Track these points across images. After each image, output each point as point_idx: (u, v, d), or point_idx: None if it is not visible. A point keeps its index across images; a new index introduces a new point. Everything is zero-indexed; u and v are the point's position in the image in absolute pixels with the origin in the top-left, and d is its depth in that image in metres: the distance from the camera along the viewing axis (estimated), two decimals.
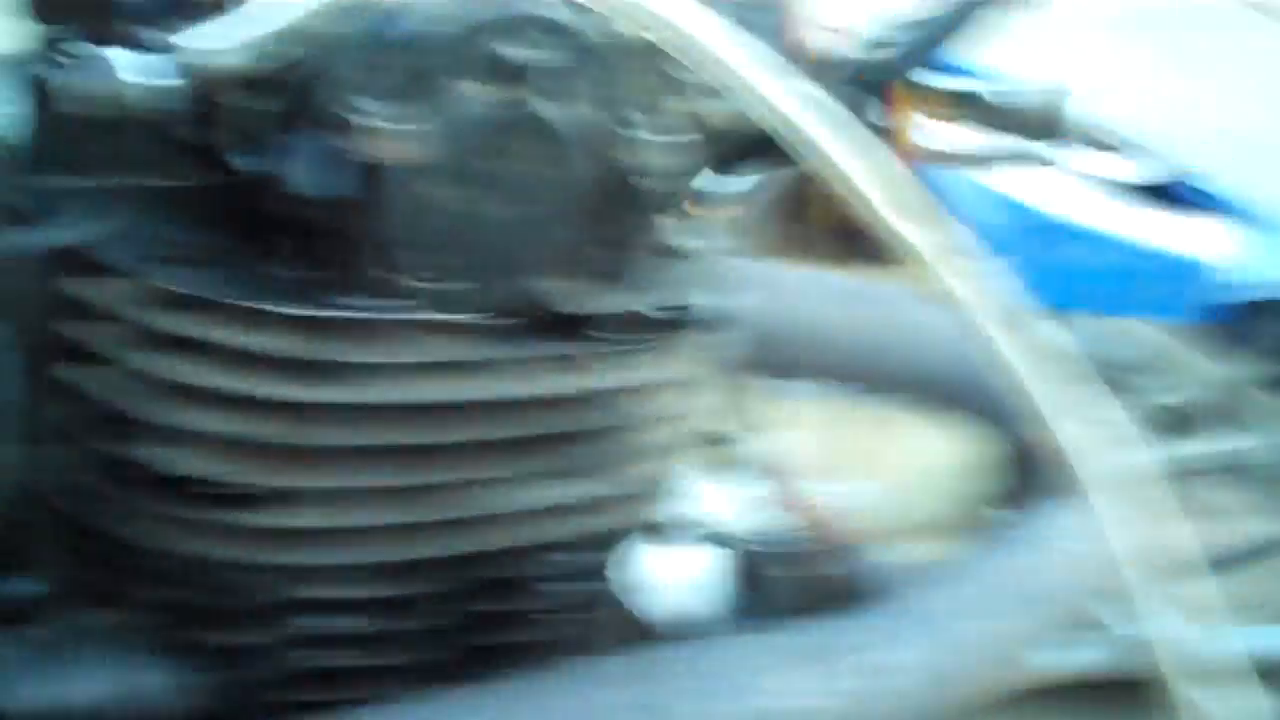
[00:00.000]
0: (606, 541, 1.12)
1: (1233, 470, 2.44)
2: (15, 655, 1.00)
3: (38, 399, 0.99)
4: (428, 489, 1.02)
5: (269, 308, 0.93)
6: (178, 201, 0.99)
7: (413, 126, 0.92)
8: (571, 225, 1.01)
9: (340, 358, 0.95)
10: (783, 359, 1.38)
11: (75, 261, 0.95)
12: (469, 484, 1.03)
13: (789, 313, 1.40)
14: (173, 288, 0.94)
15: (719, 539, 1.30)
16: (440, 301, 0.98)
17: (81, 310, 0.96)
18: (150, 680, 1.02)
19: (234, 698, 1.03)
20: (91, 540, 1.01)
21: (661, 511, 1.19)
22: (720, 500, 1.33)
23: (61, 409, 0.98)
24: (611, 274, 1.03)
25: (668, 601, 1.30)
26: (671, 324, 1.07)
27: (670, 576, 1.34)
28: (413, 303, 0.97)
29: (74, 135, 0.93)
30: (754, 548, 1.29)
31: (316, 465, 0.98)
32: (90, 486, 0.99)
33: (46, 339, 0.98)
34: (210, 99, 0.93)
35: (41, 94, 0.90)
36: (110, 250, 0.95)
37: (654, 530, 1.23)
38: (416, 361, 0.98)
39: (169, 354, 0.94)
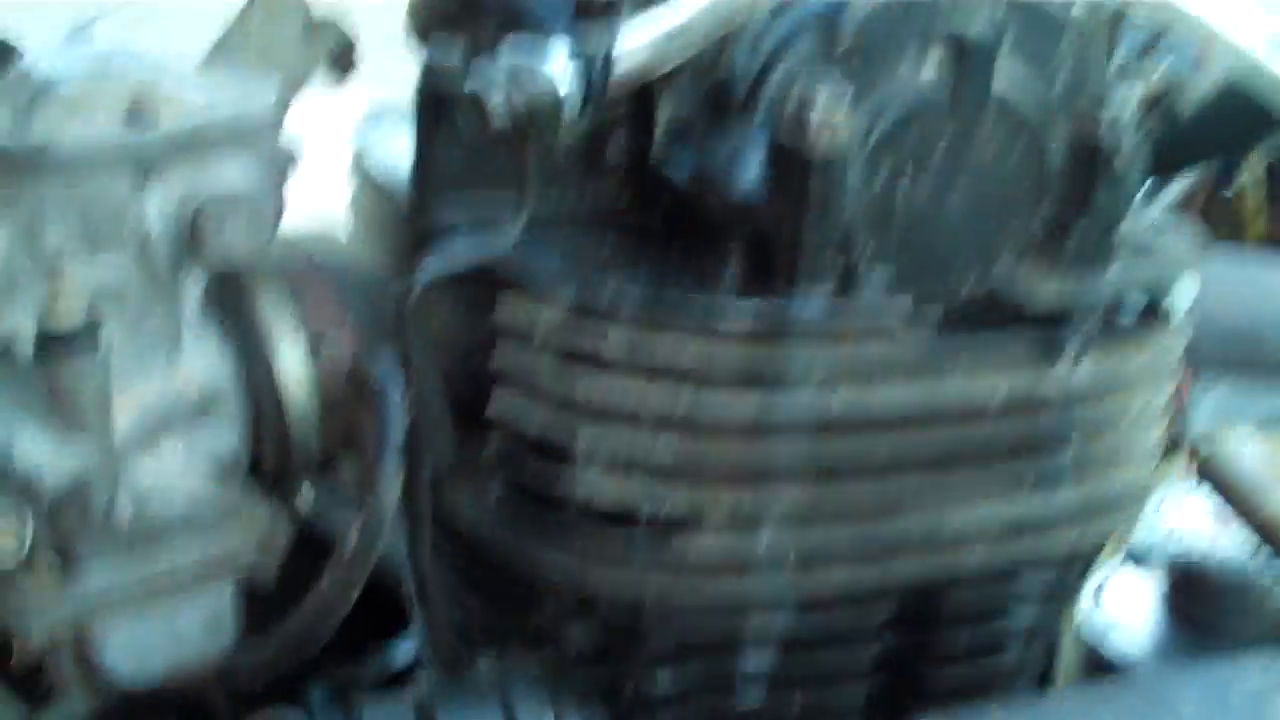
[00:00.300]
0: (1082, 560, 0.98)
1: None
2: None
3: (464, 432, 0.92)
4: (893, 506, 0.89)
5: (719, 318, 0.83)
6: (610, 215, 0.90)
7: (862, 113, 0.81)
8: (1039, 211, 0.87)
9: (798, 366, 0.84)
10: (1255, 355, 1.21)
11: (503, 284, 0.87)
12: (939, 499, 0.90)
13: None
14: (610, 303, 0.84)
15: (1179, 559, 1.15)
16: (904, 298, 0.86)
17: (511, 334, 0.87)
18: None
19: None
20: (513, 580, 0.93)
21: (1135, 527, 1.05)
22: (1181, 515, 1.17)
23: (489, 440, 0.90)
24: (1084, 261, 0.89)
25: (1131, 628, 1.16)
26: (1148, 315, 0.93)
27: (1134, 601, 1.19)
28: (873, 303, 0.85)
29: (496, 152, 0.85)
30: (1216, 568, 1.13)
31: (768, 485, 0.86)
32: (518, 521, 0.91)
33: (472, 368, 0.90)
34: (634, 102, 0.84)
35: (469, 112, 0.81)
36: (542, 270, 0.86)
37: (1125, 548, 1.09)
38: (880, 364, 0.86)
39: (604, 374, 0.85)
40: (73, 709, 1.45)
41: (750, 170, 0.81)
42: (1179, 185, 1.86)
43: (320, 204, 1.01)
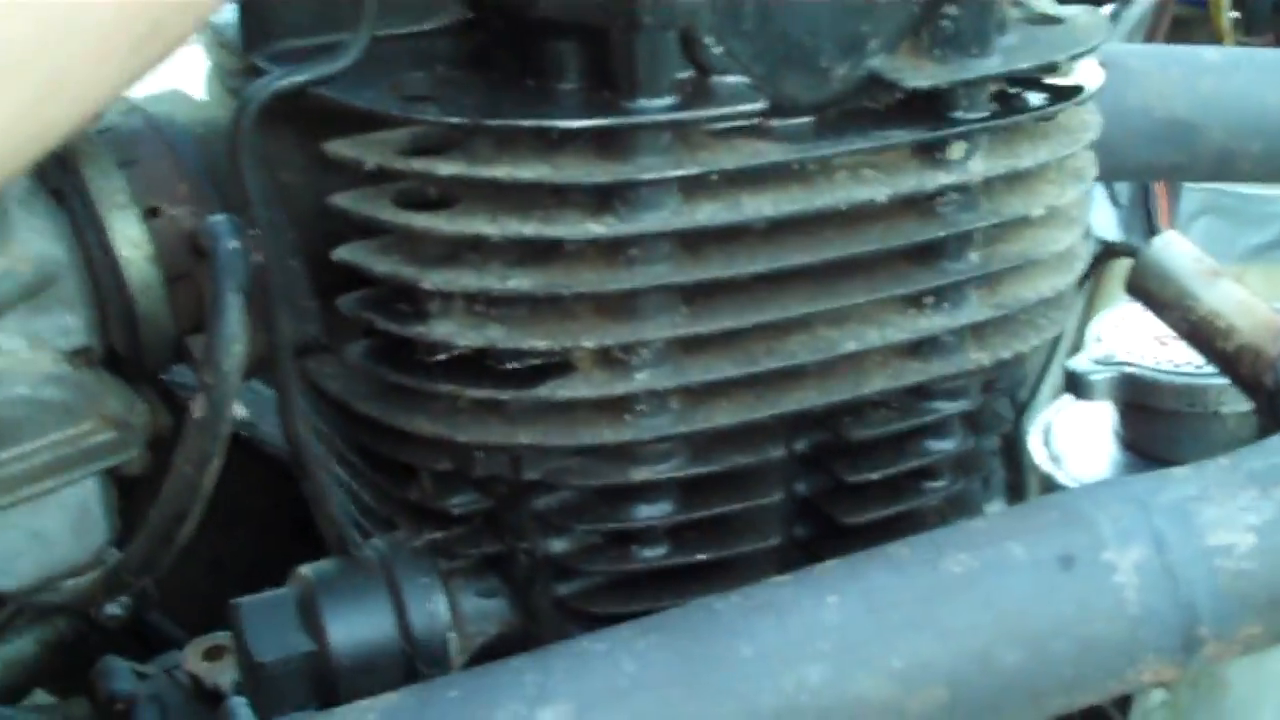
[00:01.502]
0: (1002, 382, 0.92)
1: None
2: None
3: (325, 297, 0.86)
4: (778, 330, 0.83)
5: (560, 124, 0.76)
6: (447, 42, 0.84)
7: None
8: None
9: (650, 177, 0.77)
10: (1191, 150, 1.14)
11: (339, 120, 0.81)
12: (824, 318, 0.84)
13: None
14: (445, 129, 0.78)
15: (1124, 387, 1.09)
16: (766, 97, 0.79)
17: (349, 174, 0.81)
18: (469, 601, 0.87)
19: (547, 613, 0.88)
20: (389, 452, 0.87)
21: (1064, 348, 0.98)
22: (1121, 331, 1.10)
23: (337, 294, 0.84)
24: (964, 41, 0.82)
25: (1081, 463, 1.10)
26: (1049, 102, 0.86)
27: (1084, 435, 1.13)
28: (734, 104, 0.78)
29: None
30: (1162, 391, 1.07)
31: (636, 315, 0.80)
32: (383, 384, 0.85)
33: (325, 228, 0.84)
34: None
35: None
36: (375, 101, 0.80)
37: (1046, 370, 1.02)
38: (744, 169, 0.79)
39: (449, 205, 0.79)
40: (21, 647, 1.41)
41: None
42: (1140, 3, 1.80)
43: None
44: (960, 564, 0.77)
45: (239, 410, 1.34)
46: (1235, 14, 2.17)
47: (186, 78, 0.95)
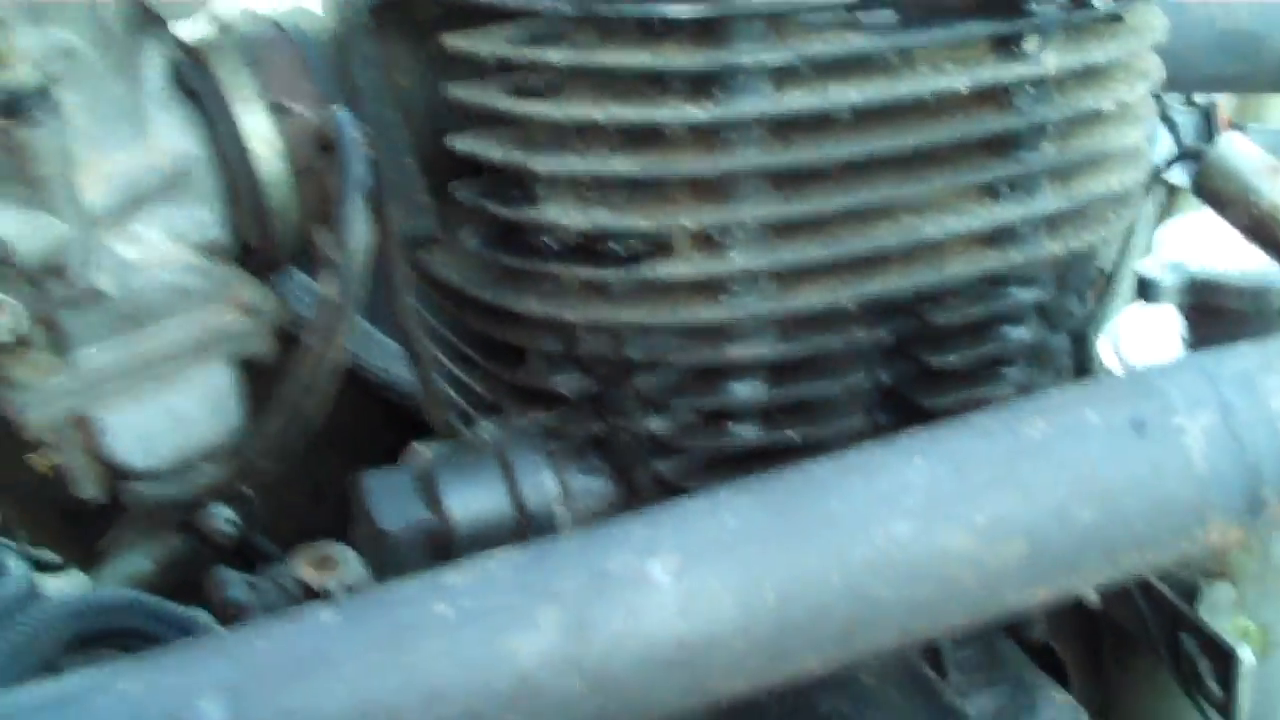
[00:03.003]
0: (1074, 274, 0.96)
1: None
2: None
3: (438, 190, 0.92)
4: (864, 216, 0.88)
5: (663, 10, 0.81)
6: None
7: None
8: None
9: (746, 63, 0.82)
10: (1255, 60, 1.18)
11: (448, 18, 0.87)
12: (906, 204, 0.89)
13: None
14: (550, 21, 0.84)
15: (1190, 286, 1.13)
16: None
17: (460, 68, 0.87)
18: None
19: (647, 490, 0.93)
20: (499, 335, 0.93)
21: (1133, 249, 1.03)
22: (1189, 237, 1.14)
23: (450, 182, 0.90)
24: None
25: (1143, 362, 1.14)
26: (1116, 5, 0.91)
27: (1153, 338, 1.17)
28: None
29: None
30: (1228, 290, 1.11)
31: (731, 199, 0.86)
32: (494, 269, 0.91)
33: (426, 112, 0.90)
34: None
35: None
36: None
37: (1117, 273, 1.06)
38: (833, 57, 0.84)
39: (557, 94, 0.85)
40: (137, 564, 1.49)
41: None
42: None
43: None
44: (1038, 429, 0.82)
45: None
46: None
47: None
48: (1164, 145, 1.85)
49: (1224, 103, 1.75)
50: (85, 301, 0.89)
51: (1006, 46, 0.88)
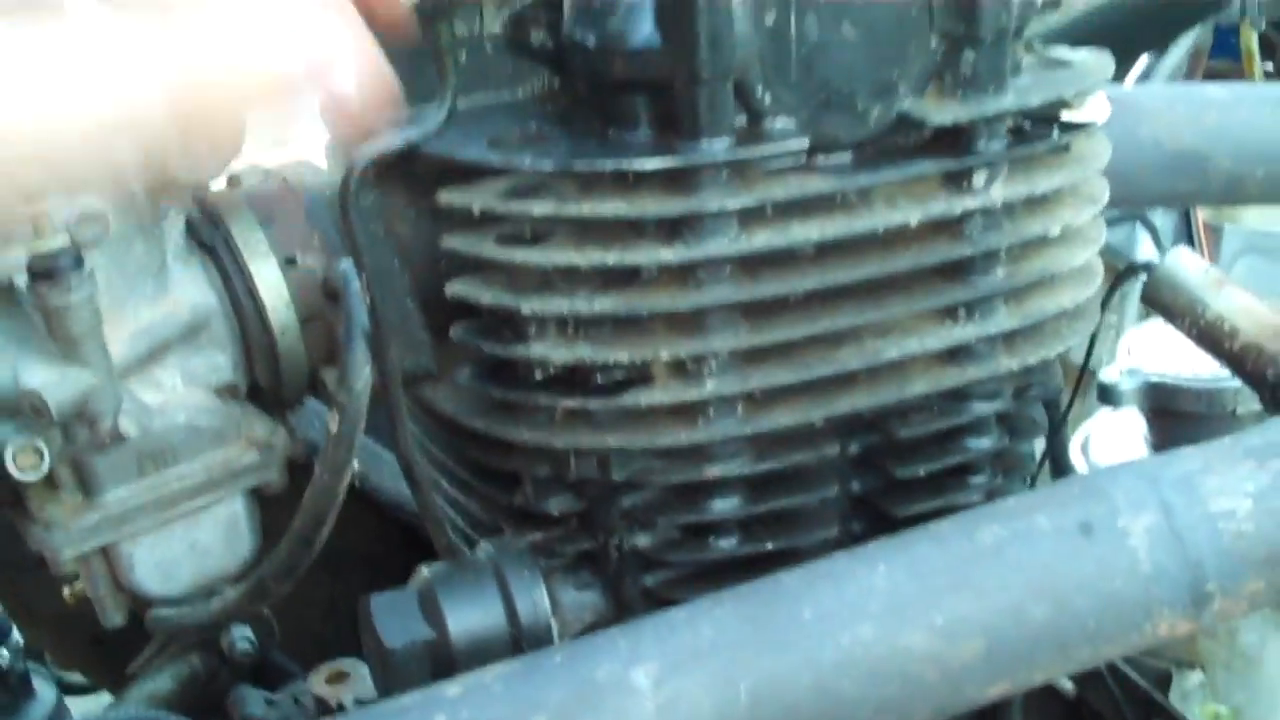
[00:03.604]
0: (1033, 387, 1.03)
1: None
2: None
3: (435, 329, 0.99)
4: (829, 341, 0.95)
5: (635, 166, 0.89)
6: (536, 100, 0.99)
7: None
8: (931, 38, 0.93)
9: (713, 208, 0.90)
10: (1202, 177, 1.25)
11: (441, 172, 0.95)
12: (869, 329, 0.96)
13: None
14: (534, 176, 0.92)
15: (1149, 393, 1.20)
16: (811, 136, 0.92)
17: (453, 218, 0.95)
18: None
19: (635, 602, 0.99)
20: (493, 463, 1.00)
21: (1092, 358, 1.09)
22: (1147, 345, 1.21)
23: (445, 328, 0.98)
24: (981, 82, 0.95)
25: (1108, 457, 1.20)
26: (1061, 134, 0.98)
27: (1119, 444, 1.24)
28: (783, 142, 0.91)
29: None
30: (1186, 395, 1.18)
31: (704, 331, 0.93)
32: (488, 401, 0.98)
33: (435, 271, 0.98)
34: None
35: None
36: (471, 153, 0.94)
37: (1080, 381, 1.13)
38: (793, 200, 0.92)
39: (542, 241, 0.92)
40: (160, 683, 1.55)
41: (645, 23, 0.88)
42: (1173, 57, 1.91)
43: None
44: (993, 534, 0.89)
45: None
46: (1269, 66, 2.28)
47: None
48: (1145, 247, 1.93)
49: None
50: (111, 444, 0.96)
51: (957, 181, 0.95)
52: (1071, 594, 0.87)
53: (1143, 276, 1.09)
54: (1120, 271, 1.11)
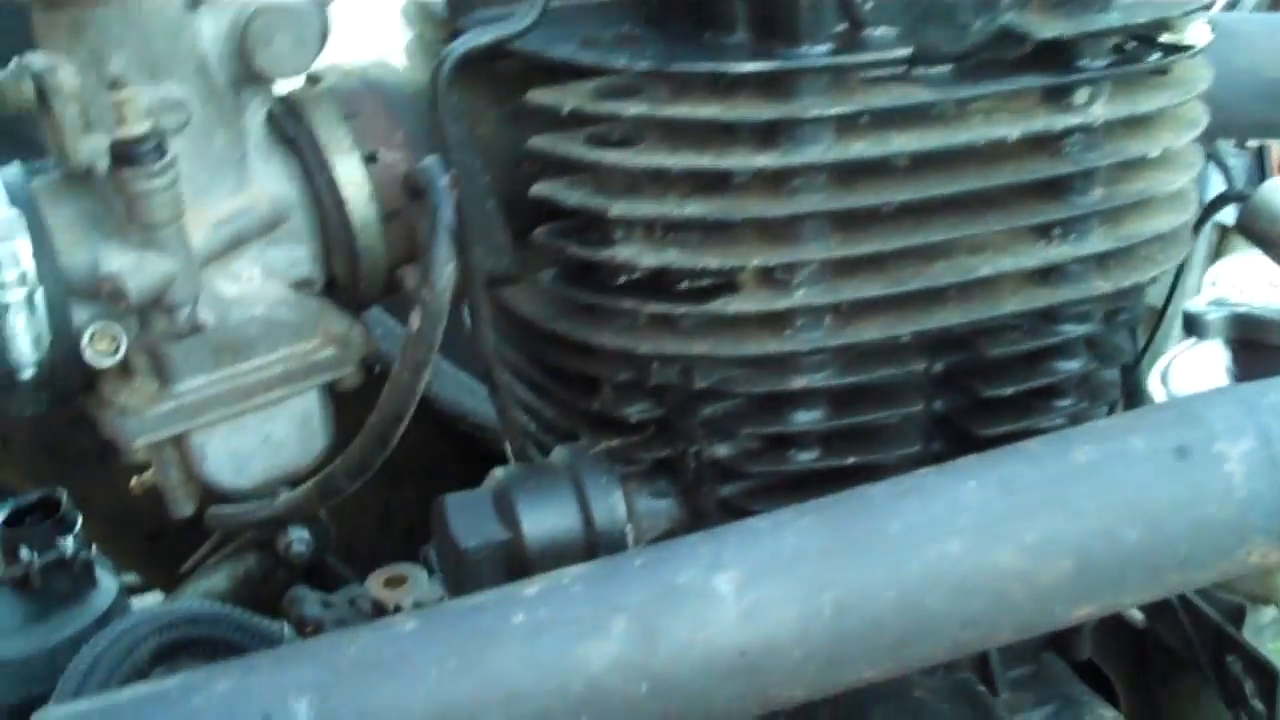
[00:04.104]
0: (1123, 311, 1.01)
1: None
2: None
3: (518, 231, 0.98)
4: (921, 255, 0.93)
5: (732, 68, 0.87)
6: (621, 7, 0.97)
7: None
8: None
9: (809, 115, 0.88)
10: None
11: (530, 71, 0.93)
12: (962, 245, 0.94)
13: None
14: (627, 75, 0.90)
15: (1236, 325, 1.17)
16: (911, 46, 0.90)
17: (541, 118, 0.93)
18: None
19: (711, 512, 0.98)
20: (574, 366, 0.99)
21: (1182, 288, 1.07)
22: (1235, 276, 1.19)
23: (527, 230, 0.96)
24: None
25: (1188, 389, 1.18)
26: (1162, 56, 0.96)
27: (1201, 376, 1.21)
28: (883, 51, 0.89)
29: None
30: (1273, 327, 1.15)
31: (795, 240, 0.91)
32: (571, 304, 0.97)
33: (520, 171, 0.96)
34: None
35: None
36: (562, 52, 0.92)
37: (1165, 310, 1.11)
38: (891, 109, 0.89)
39: (631, 143, 0.90)
40: (217, 582, 1.56)
41: None
42: None
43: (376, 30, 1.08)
44: (1086, 455, 0.87)
45: None
46: None
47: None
48: (1217, 187, 1.89)
49: (1276, 146, 1.79)
50: (188, 333, 0.95)
51: (1057, 98, 0.93)
52: (1164, 517, 0.85)
53: (1235, 206, 1.06)
54: (1213, 200, 1.08)
